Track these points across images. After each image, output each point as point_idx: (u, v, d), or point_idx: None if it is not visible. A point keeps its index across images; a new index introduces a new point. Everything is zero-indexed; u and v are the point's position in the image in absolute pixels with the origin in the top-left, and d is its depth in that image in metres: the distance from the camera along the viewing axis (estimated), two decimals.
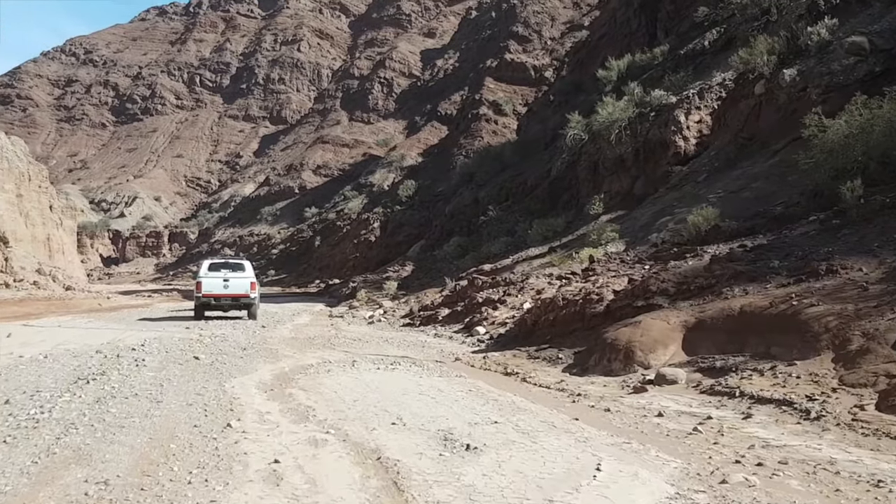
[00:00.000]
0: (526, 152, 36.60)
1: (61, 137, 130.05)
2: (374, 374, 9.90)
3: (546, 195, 29.02)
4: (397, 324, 19.35)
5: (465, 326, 15.56)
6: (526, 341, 12.63)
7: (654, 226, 19.27)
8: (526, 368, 10.59)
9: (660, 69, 30.21)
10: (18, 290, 39.90)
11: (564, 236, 24.50)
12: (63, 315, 24.18)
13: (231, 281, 20.13)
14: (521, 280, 17.07)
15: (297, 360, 11.43)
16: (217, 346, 12.95)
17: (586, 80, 43.55)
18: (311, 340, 15.04)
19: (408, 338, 15.73)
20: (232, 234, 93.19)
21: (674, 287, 10.99)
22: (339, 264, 66.13)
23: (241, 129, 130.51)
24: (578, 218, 25.87)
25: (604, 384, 9.02)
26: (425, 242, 37.96)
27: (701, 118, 24.96)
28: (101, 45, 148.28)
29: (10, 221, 47.54)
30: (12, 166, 49.95)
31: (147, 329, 17.08)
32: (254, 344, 13.70)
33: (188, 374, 9.45)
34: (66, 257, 56.94)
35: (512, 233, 28.11)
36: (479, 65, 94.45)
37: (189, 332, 16.14)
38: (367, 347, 13.76)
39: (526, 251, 24.69)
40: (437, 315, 17.46)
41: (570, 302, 12.17)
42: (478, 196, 34.91)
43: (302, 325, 20.42)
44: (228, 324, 19.11)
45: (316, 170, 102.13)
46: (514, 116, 70.06)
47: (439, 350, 13.39)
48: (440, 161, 68.20)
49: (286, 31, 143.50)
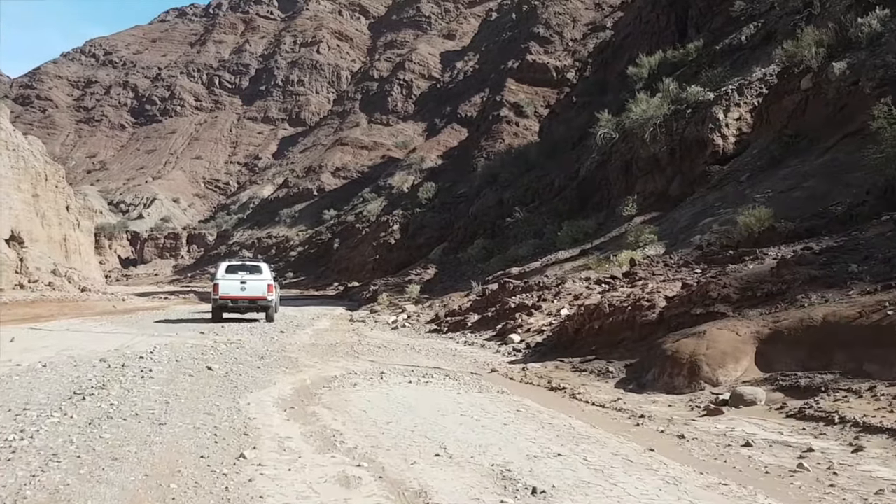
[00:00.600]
0: (552, 152, 35.47)
1: (80, 138, 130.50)
2: (406, 389, 8.85)
3: (575, 196, 27.89)
4: (423, 330, 18.30)
5: (498, 334, 14.48)
6: (567, 351, 11.53)
7: (695, 227, 18.10)
8: (573, 383, 9.49)
9: (694, 66, 28.99)
10: (33, 291, 39.36)
11: (596, 238, 23.36)
12: (74, 318, 23.39)
13: (248, 283, 19.97)
14: (557, 284, 15.97)
15: (319, 371, 10.41)
16: (232, 355, 11.97)
17: (611, 80, 42.39)
18: (333, 348, 14.04)
19: (436, 345, 14.68)
20: (250, 235, 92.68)
21: (736, 293, 9.85)
22: (357, 267, 65.27)
23: (259, 130, 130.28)
24: (610, 220, 24.71)
25: (668, 403, 7.91)
26: (448, 245, 36.90)
27: (740, 115, 23.73)
28: (121, 46, 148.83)
29: (25, 221, 47.09)
30: (28, 166, 49.52)
31: (159, 334, 16.16)
32: (272, 352, 12.71)
33: (199, 387, 8.44)
34: (83, 258, 56.50)
35: (539, 235, 27.00)
36: (501, 66, 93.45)
37: (203, 337, 15.19)
38: (393, 356, 12.73)
39: (555, 254, 23.58)
40: (466, 321, 16.40)
41: (618, 309, 11.07)
42: (502, 197, 33.81)
43: (322, 330, 19.44)
44: (245, 328, 18.17)
45: (335, 172, 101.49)
46: (536, 118, 69.05)
47: (472, 360, 12.33)
48: (460, 163, 67.33)
49: (305, 32, 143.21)
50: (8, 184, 46.80)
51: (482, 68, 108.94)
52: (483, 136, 67.92)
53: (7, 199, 46.28)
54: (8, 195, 46.54)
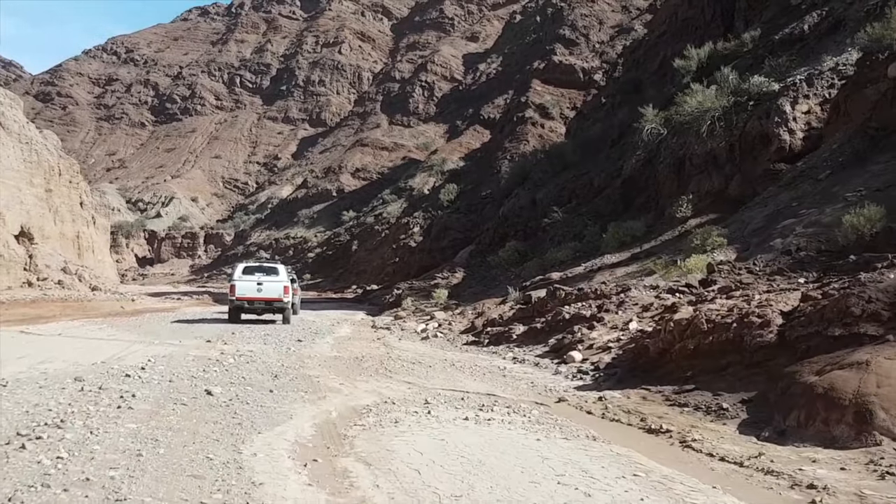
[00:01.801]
0: (588, 151, 33.23)
1: (100, 136, 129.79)
2: (465, 431, 6.67)
3: (618, 196, 25.66)
4: (458, 341, 16.11)
5: (553, 350, 12.28)
6: (651, 377, 9.32)
7: (772, 230, 15.81)
8: (677, 423, 7.28)
9: (749, 57, 26.63)
10: (41, 290, 37.69)
11: (646, 242, 21.09)
12: (76, 319, 21.50)
13: (265, 285, 19.95)
14: (618, 292, 13.75)
15: (346, 398, 8.28)
16: (240, 371, 9.87)
17: (645, 79, 40.16)
18: (358, 362, 11.90)
19: (479, 362, 12.50)
20: (268, 236, 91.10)
21: (887, 309, 7.60)
22: (376, 269, 63.45)
23: (279, 130, 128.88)
24: (660, 221, 22.43)
25: (838, 464, 5.67)
26: (475, 247, 34.73)
27: (809, 108, 21.36)
28: (143, 44, 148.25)
29: (37, 217, 45.49)
30: (42, 160, 47.96)
31: (161, 341, 14.11)
32: (288, 368, 10.60)
33: (190, 424, 6.32)
34: (97, 256, 54.92)
35: (579, 237, 24.78)
36: (526, 66, 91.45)
37: (209, 347, 13.11)
38: (433, 376, 10.56)
39: (600, 258, 21.34)
40: (511, 333, 14.22)
41: (719, 326, 8.84)
42: (535, 197, 31.60)
43: (344, 338, 17.34)
44: (258, 336, 16.09)
45: (354, 173, 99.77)
46: (562, 120, 67.25)
47: (530, 383, 10.14)
48: (483, 165, 65.62)
49: (328, 33, 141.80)
50: (20, 178, 45.23)
51: (505, 70, 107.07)
52: (507, 137, 66.06)
53: (18, 193, 44.72)
54: (19, 189, 44.98)
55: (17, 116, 47.35)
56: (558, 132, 62.88)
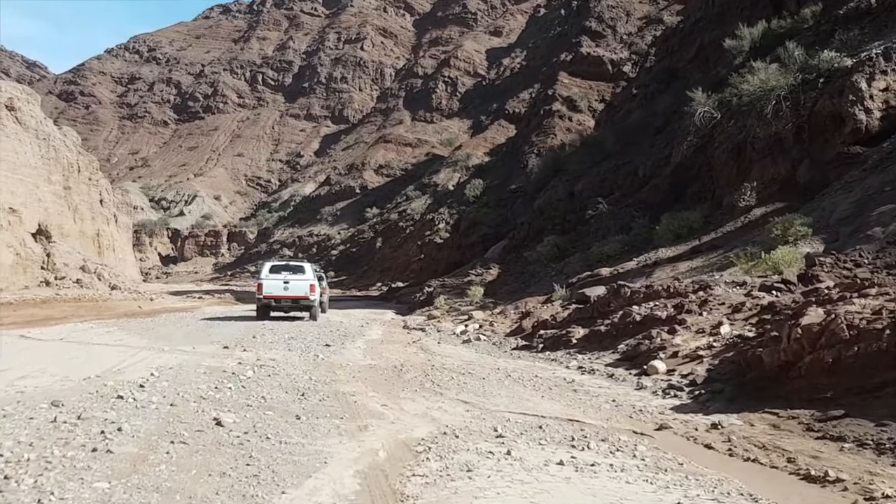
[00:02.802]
0: (630, 140, 31.18)
1: (123, 135, 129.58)
2: (569, 487, 4.82)
3: (667, 186, 23.63)
4: (506, 345, 14.23)
5: (626, 358, 10.38)
6: (772, 396, 7.40)
7: (866, 218, 13.77)
8: (847, 468, 5.37)
9: (810, 34, 24.43)
10: (58, 289, 36.47)
11: (704, 234, 19.07)
12: (87, 321, 19.95)
13: (291, 283, 20.20)
14: (696, 290, 11.79)
15: (393, 427, 6.47)
16: (260, 388, 8.10)
17: (682, 66, 37.92)
18: (398, 373, 10.10)
19: (538, 371, 10.63)
20: (291, 234, 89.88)
21: None
22: (401, 266, 61.95)
23: (302, 128, 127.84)
24: (718, 212, 20.40)
25: None
26: (508, 242, 32.83)
27: (888, 85, 19.20)
28: (165, 42, 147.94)
29: (55, 215, 44.33)
30: (60, 156, 46.77)
31: (172, 347, 12.41)
32: (316, 382, 8.81)
33: (187, 481, 4.52)
34: (118, 254, 53.81)
35: (625, 230, 22.79)
36: (553, 59, 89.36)
37: (226, 354, 11.38)
38: (492, 392, 8.72)
39: (654, 252, 19.37)
40: (569, 336, 12.32)
41: (866, 333, 6.92)
42: (573, 189, 29.63)
43: (375, 341, 15.58)
44: (282, 339, 14.37)
45: (378, 169, 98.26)
46: (590, 113, 65.29)
47: (610, 400, 8.26)
48: (509, 160, 63.99)
49: (350, 29, 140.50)
50: (37, 175, 44.07)
51: (529, 65, 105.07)
52: (534, 131, 64.26)
53: (36, 190, 43.55)
54: (37, 186, 43.81)
55: (34, 112, 46.17)
56: (586, 125, 61.00)
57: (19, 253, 35.78)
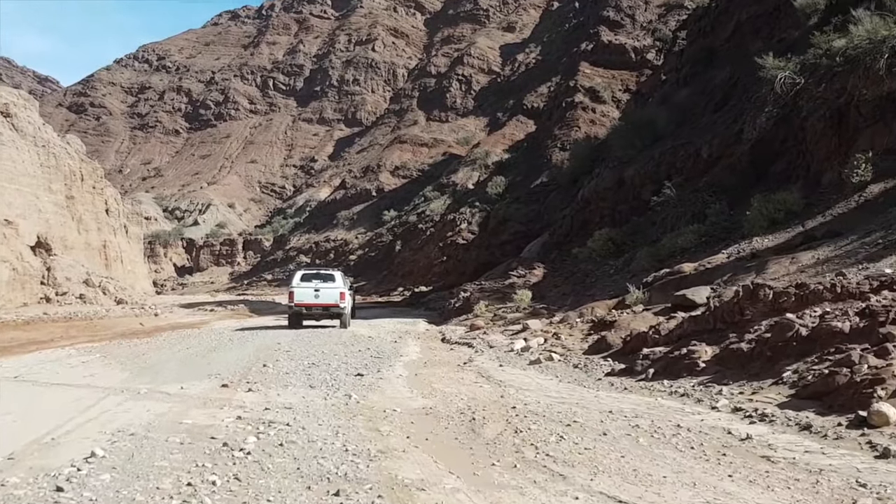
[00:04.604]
0: (682, 120, 27.76)
1: (135, 145, 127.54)
2: None
3: (745, 165, 20.26)
4: (594, 368, 10.85)
5: (809, 394, 7.02)
6: None
7: None
8: None
9: None
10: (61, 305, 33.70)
11: (808, 218, 15.69)
12: (77, 343, 17.06)
13: (322, 291, 20.67)
14: (877, 287, 8.43)
15: None
16: (263, 481, 4.89)
17: (718, 46, 34.32)
18: (473, 428, 6.86)
19: (674, 415, 7.33)
20: (307, 240, 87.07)
21: None
22: (423, 270, 59.01)
23: (315, 132, 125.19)
24: (819, 191, 16.98)
25: None
26: (549, 239, 29.54)
27: None
28: (174, 50, 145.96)
29: (57, 226, 41.53)
30: (61, 164, 43.98)
31: (154, 385, 9.29)
32: (355, 457, 5.63)
33: None
34: (126, 266, 50.99)
35: (698, 218, 19.44)
36: (570, 52, 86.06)
37: (223, 399, 8.18)
38: (643, 471, 5.48)
39: (748, 242, 16.02)
40: (692, 357, 8.96)
41: None
42: (622, 176, 26.30)
43: (417, 363, 12.39)
44: (300, 366, 11.23)
45: (394, 171, 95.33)
46: (614, 104, 62.12)
47: (848, 487, 4.91)
48: (531, 155, 61.18)
49: (360, 30, 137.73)
50: (37, 184, 41.31)
51: (545, 59, 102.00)
52: (556, 124, 61.37)
53: (35, 200, 40.76)
54: (36, 196, 41.03)
55: (31, 118, 43.37)
56: (611, 116, 57.87)
57: (16, 268, 32.98)
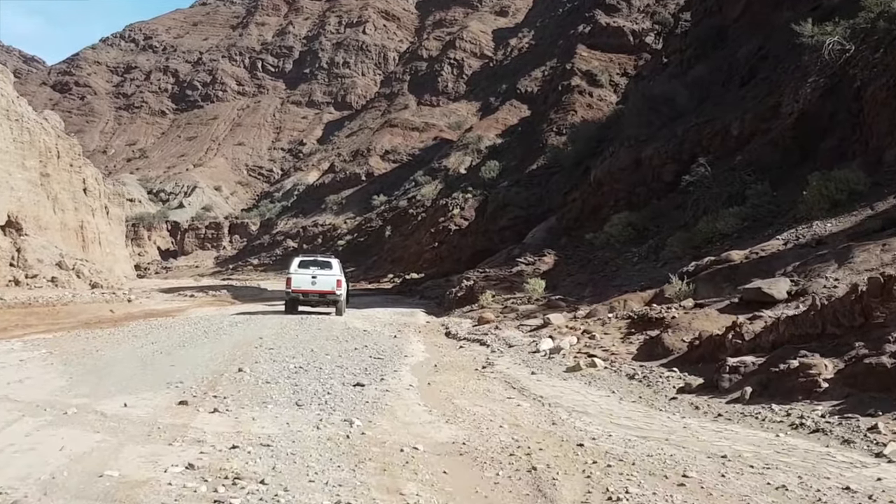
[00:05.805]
0: (703, 95, 25.58)
1: (120, 126, 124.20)
2: None
3: (789, 141, 18.16)
4: (657, 380, 8.55)
5: None
6: None
7: None
8: None
9: None
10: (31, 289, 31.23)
11: (877, 199, 13.55)
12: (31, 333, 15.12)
13: (319, 278, 20.76)
14: None
15: None
16: None
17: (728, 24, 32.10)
18: (538, 488, 4.58)
19: (835, 473, 4.78)
20: (295, 224, 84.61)
21: None
22: (413, 256, 56.94)
23: (304, 115, 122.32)
24: (881, 170, 14.86)
25: None
26: (556, 224, 27.40)
27: None
28: (161, 30, 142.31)
29: (30, 205, 38.99)
30: (35, 139, 41.30)
31: (94, 399, 7.17)
32: None
33: None
34: (104, 248, 48.43)
35: (737, 200, 17.30)
36: (563, 37, 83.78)
37: (177, 427, 5.90)
38: None
39: (807, 227, 14.00)
40: (808, 374, 6.67)
41: None
42: (640, 156, 24.13)
43: (427, 367, 10.28)
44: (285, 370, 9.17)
45: (384, 155, 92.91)
46: (611, 87, 60.18)
47: None
48: (526, 139, 59.62)
49: (351, 12, 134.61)
50: (9, 160, 38.71)
51: (539, 44, 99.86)
52: (552, 108, 59.62)
53: (7, 177, 38.18)
54: (9, 173, 38.44)
55: (4, 90, 40.59)
56: (608, 100, 56.00)
57: None
